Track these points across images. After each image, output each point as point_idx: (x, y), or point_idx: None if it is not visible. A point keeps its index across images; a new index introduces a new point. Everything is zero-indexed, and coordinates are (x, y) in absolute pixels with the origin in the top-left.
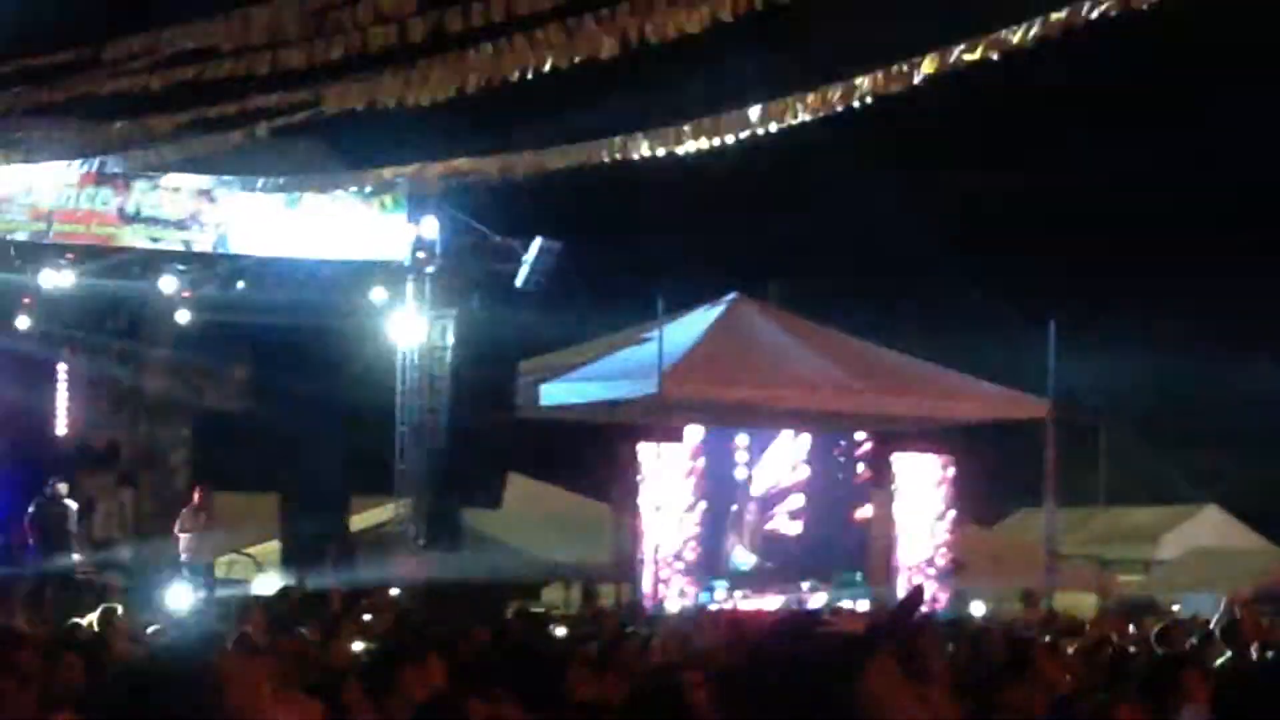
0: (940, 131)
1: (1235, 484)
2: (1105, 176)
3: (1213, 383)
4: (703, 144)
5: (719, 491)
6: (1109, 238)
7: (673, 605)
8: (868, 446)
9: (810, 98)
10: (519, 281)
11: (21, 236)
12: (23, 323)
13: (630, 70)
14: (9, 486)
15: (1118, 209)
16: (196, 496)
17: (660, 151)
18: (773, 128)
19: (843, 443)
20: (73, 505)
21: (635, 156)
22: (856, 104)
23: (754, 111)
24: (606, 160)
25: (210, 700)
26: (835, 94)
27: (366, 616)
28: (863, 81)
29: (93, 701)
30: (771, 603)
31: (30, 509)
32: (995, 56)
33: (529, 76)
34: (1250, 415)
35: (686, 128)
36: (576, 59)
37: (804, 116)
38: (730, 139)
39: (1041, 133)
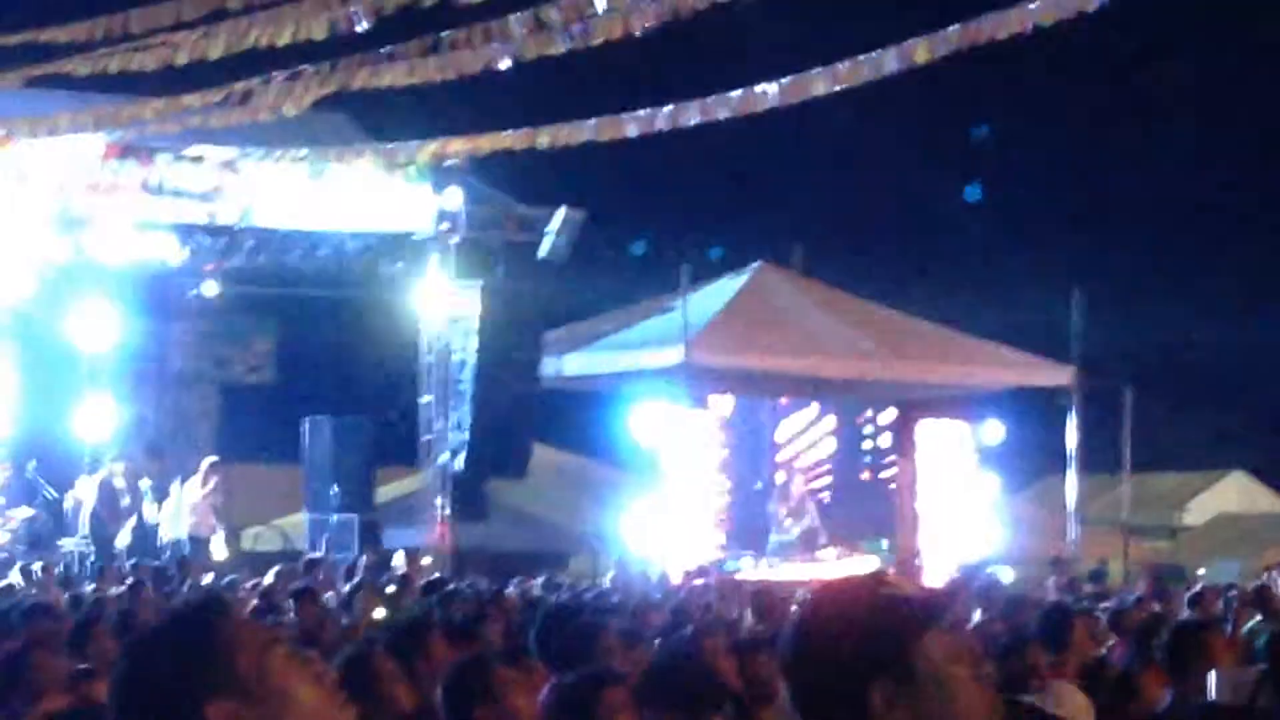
0: (966, 98)
1: (1261, 450)
2: (1130, 142)
3: (1238, 349)
4: (727, 115)
5: (745, 460)
6: (1135, 204)
7: (699, 574)
8: (893, 414)
9: (842, 69)
10: (543, 251)
11: (46, 210)
12: (48, 297)
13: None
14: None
15: (1143, 175)
16: (203, 469)
17: (688, 123)
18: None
19: (868, 410)
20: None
21: (660, 129)
22: (883, 75)
23: (779, 85)
24: (634, 134)
25: (219, 663)
26: (864, 68)
27: (390, 588)
28: (889, 53)
29: (115, 672)
30: (798, 571)
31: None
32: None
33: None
34: (1275, 382)
35: (711, 100)
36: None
37: (832, 88)
38: (756, 110)
39: (1068, 98)
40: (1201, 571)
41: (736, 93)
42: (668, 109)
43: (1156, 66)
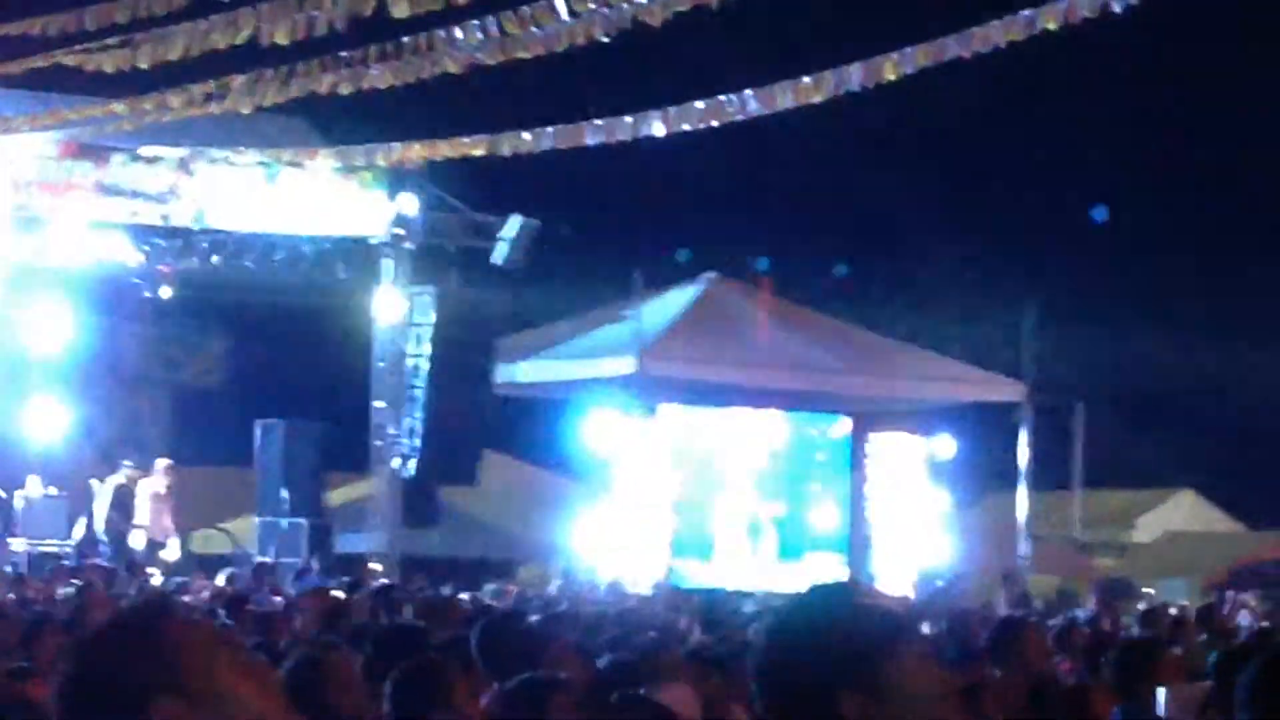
0: (921, 114)
1: (1210, 469)
2: (1085, 156)
3: (1191, 368)
4: (689, 127)
5: (695, 470)
6: (1088, 221)
7: (648, 585)
8: (846, 427)
9: (803, 84)
10: (497, 258)
11: (2, 210)
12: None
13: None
14: None
15: (1097, 190)
16: (160, 470)
17: (648, 133)
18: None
19: (820, 423)
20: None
21: (623, 139)
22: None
23: (746, 98)
24: (592, 143)
25: (165, 664)
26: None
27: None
28: (854, 68)
29: (60, 672)
30: (746, 582)
31: None
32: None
33: (516, 58)
34: (1226, 400)
35: (674, 111)
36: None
37: (796, 102)
38: (715, 123)
39: (1020, 111)
40: (1151, 591)
41: (699, 104)
42: (629, 119)
43: (1118, 83)
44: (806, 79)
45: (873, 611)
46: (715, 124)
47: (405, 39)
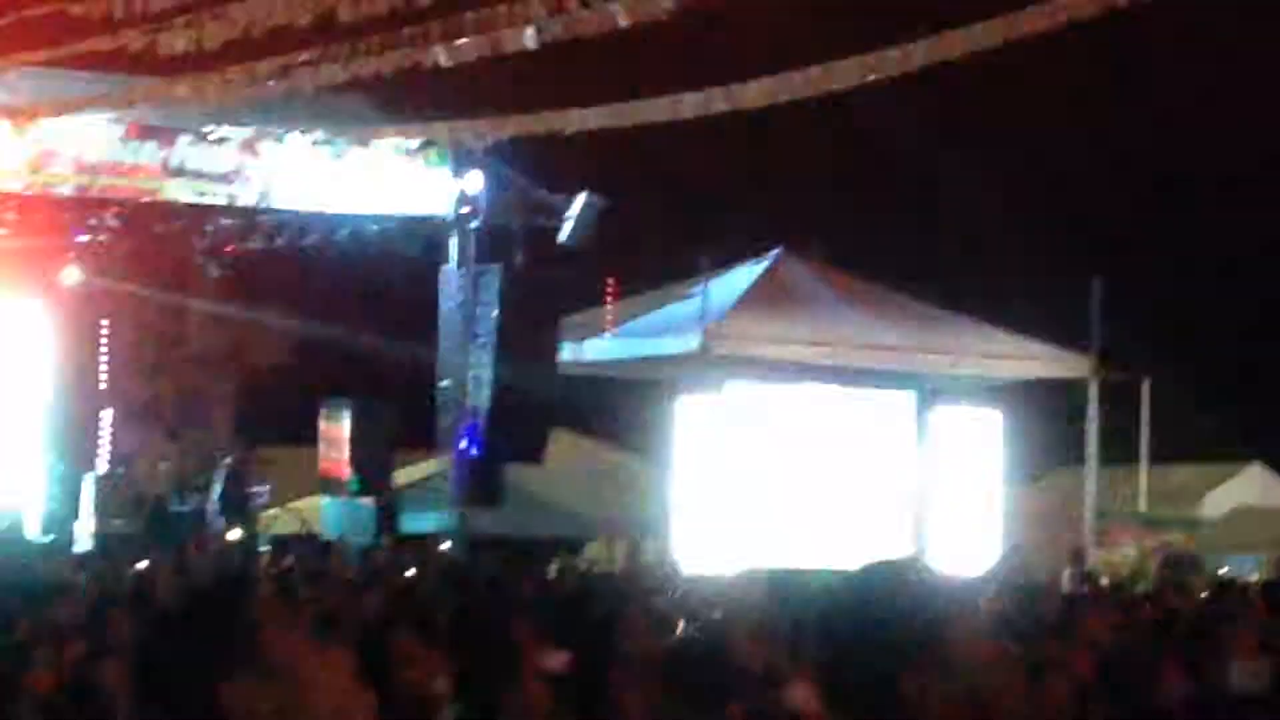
0: (987, 87)
1: (1279, 442)
2: (1151, 130)
3: (1257, 340)
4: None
5: (761, 448)
6: (1155, 192)
7: (714, 562)
8: (912, 403)
9: (870, 61)
10: (563, 236)
11: (66, 191)
12: (69, 277)
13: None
14: None
15: (1164, 162)
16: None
17: (716, 109)
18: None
19: (886, 400)
20: None
21: (688, 115)
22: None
23: (814, 73)
24: (662, 120)
25: (239, 643)
26: (893, 59)
27: (410, 571)
28: (919, 46)
29: (134, 650)
30: (813, 559)
31: None
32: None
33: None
34: None
35: (739, 88)
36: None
37: (861, 78)
38: (785, 99)
39: (1091, 87)
40: (1224, 570)
41: (766, 80)
42: (696, 95)
43: (1186, 56)
44: (873, 55)
45: (934, 588)
46: (784, 99)
47: (469, 15)
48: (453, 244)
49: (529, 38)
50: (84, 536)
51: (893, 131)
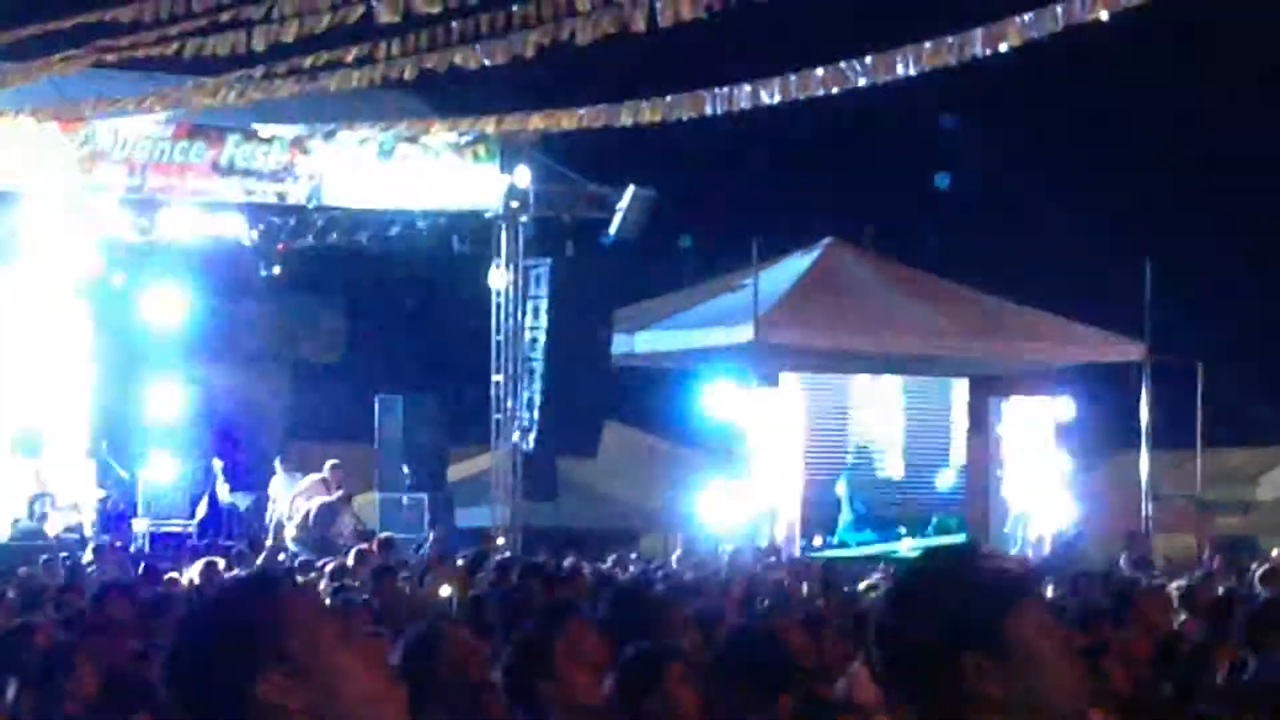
0: (1032, 74)
1: None
2: (1203, 112)
3: None
4: (806, 94)
5: (816, 438)
6: (1205, 174)
7: (772, 553)
8: (965, 391)
9: (925, 50)
10: (613, 230)
11: (117, 191)
12: (119, 278)
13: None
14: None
15: (1214, 145)
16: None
17: (767, 102)
18: (879, 79)
19: (939, 387)
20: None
21: (742, 107)
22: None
23: (860, 64)
24: (711, 112)
25: (268, 639)
26: (948, 50)
27: (459, 561)
28: (974, 34)
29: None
30: (870, 548)
31: None
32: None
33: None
34: None
35: (793, 79)
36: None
37: (915, 69)
38: (835, 90)
39: (1139, 71)
40: (1276, 553)
41: (818, 71)
42: (747, 87)
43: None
44: (926, 45)
45: (993, 572)
46: (835, 91)
47: (515, 8)
48: (503, 238)
49: (578, 33)
50: (141, 535)
51: (937, 117)
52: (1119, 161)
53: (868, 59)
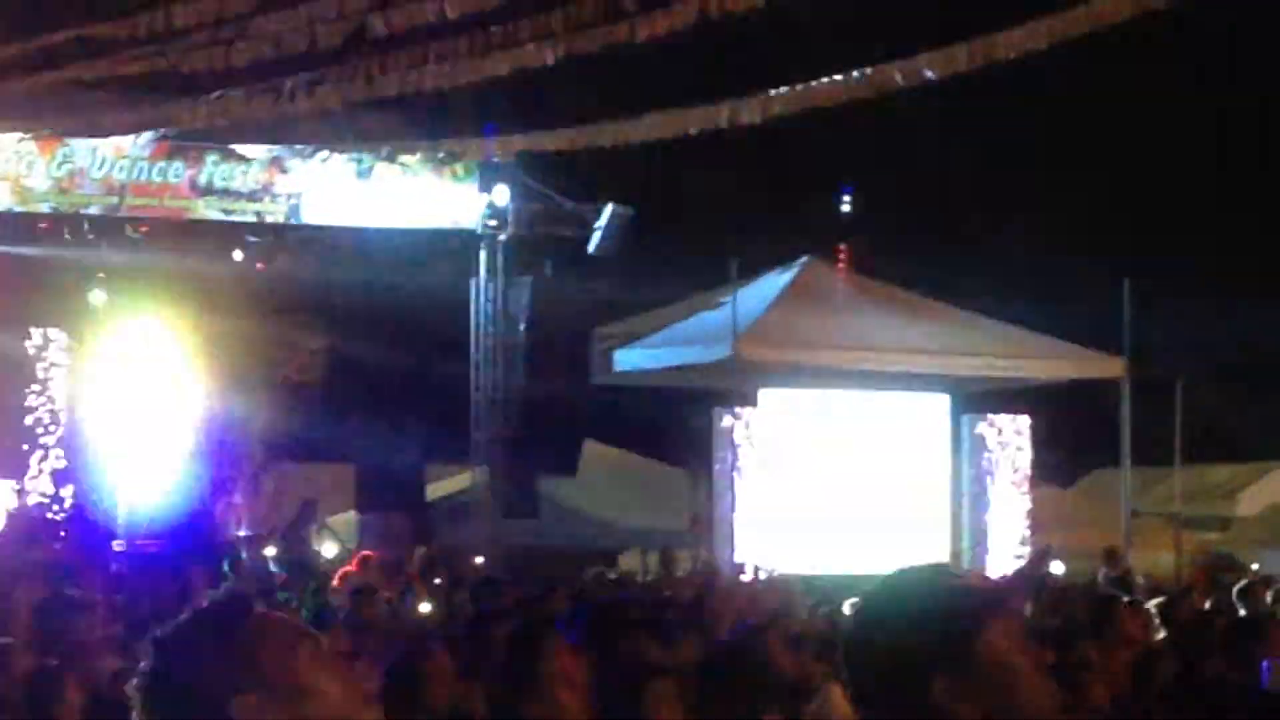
0: (1011, 90)
1: None
2: (1177, 127)
3: None
4: (786, 110)
5: (794, 454)
6: (1184, 191)
7: (750, 570)
8: (945, 407)
9: (899, 69)
10: (592, 248)
11: (94, 210)
12: (97, 298)
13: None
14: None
15: (1192, 161)
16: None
17: (750, 120)
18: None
19: (918, 403)
20: None
21: (722, 125)
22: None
23: (839, 80)
24: (693, 132)
25: (243, 659)
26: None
27: (436, 580)
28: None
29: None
30: (848, 565)
31: None
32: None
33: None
34: None
35: (773, 93)
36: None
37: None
38: (815, 105)
39: (1119, 86)
40: (1255, 566)
41: (797, 87)
42: (725, 105)
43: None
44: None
45: (966, 591)
46: (816, 106)
47: (494, 29)
48: (482, 257)
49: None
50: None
51: (919, 133)
52: (1098, 178)
53: (845, 75)
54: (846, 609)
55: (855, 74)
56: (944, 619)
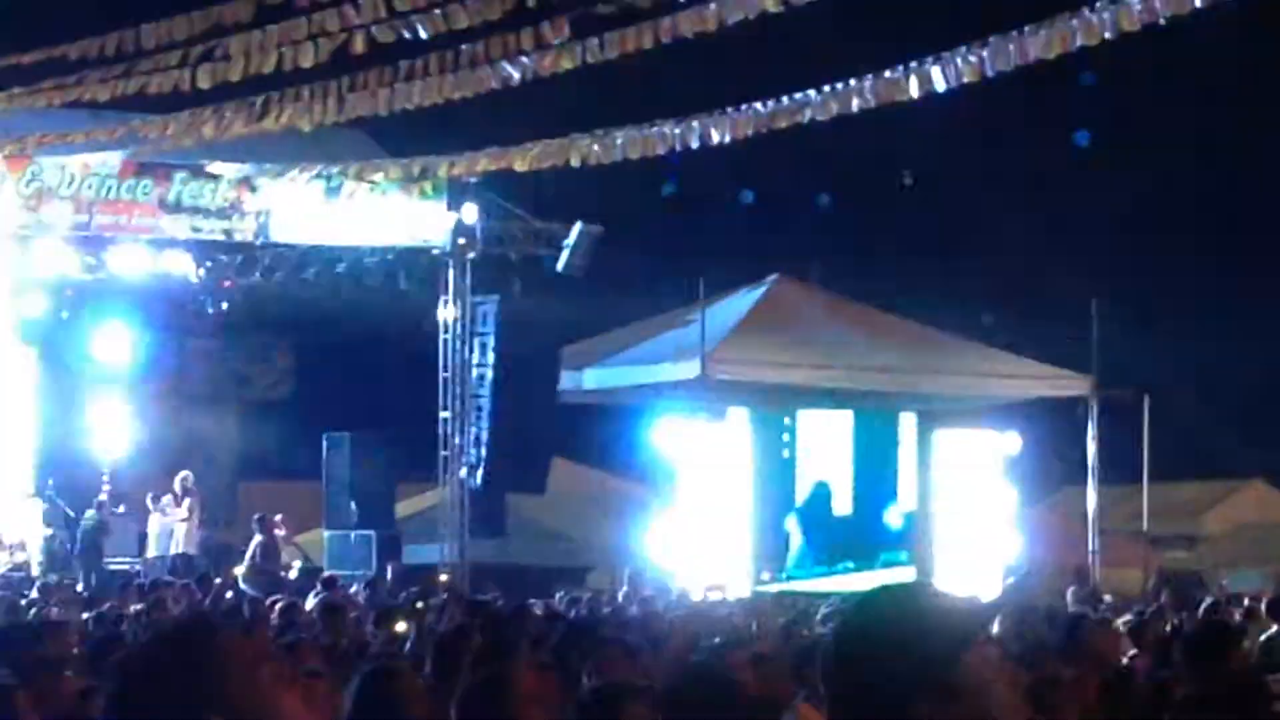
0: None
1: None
2: (1148, 148)
3: (1254, 356)
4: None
5: (764, 473)
6: (1151, 211)
7: (718, 590)
8: (912, 425)
9: (875, 86)
10: (560, 266)
11: (63, 229)
12: (67, 315)
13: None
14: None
15: (1160, 181)
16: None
17: (716, 139)
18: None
19: (887, 422)
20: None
21: (693, 145)
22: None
23: (812, 99)
24: (664, 151)
25: (209, 681)
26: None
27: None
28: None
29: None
30: (820, 584)
31: None
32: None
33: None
34: None
35: (742, 110)
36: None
37: (868, 103)
38: (782, 126)
39: (1082, 105)
40: (1224, 583)
41: (760, 105)
42: (695, 124)
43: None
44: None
45: (941, 612)
46: (783, 126)
47: (464, 47)
48: (450, 275)
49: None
50: (85, 574)
51: (885, 153)
52: (1067, 198)
53: (812, 93)
54: (823, 627)
55: (818, 93)
56: (923, 642)
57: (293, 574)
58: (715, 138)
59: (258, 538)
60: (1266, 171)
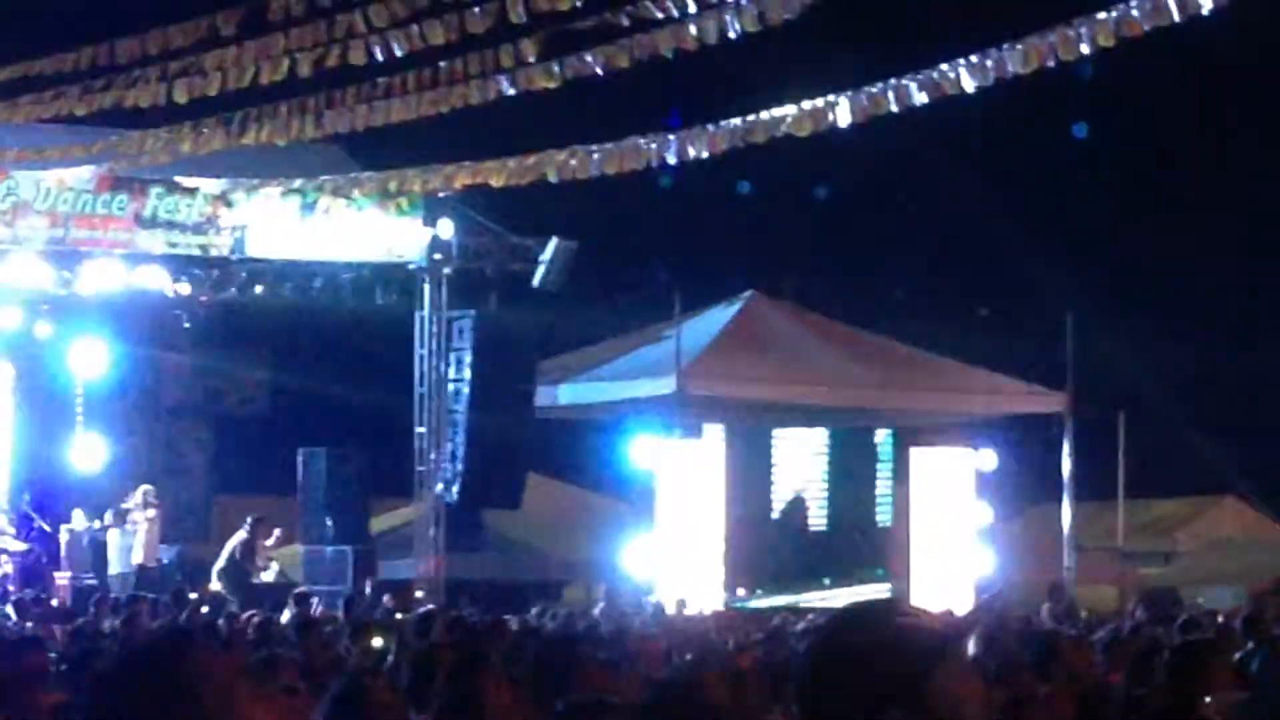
0: (951, 126)
1: (1255, 475)
2: (1122, 165)
3: (1231, 374)
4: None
5: (739, 489)
6: (1126, 228)
7: (693, 605)
8: (887, 442)
9: (849, 103)
10: (536, 281)
11: (38, 244)
12: (42, 330)
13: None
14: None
15: (1134, 198)
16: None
17: (695, 155)
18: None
19: (862, 438)
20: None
21: (670, 161)
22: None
23: (787, 113)
24: (642, 166)
25: (185, 697)
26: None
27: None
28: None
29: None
30: (793, 600)
31: None
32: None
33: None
34: (1270, 406)
35: (717, 128)
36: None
37: (844, 119)
38: (761, 140)
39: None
40: (1200, 600)
41: (736, 121)
42: (671, 139)
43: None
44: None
45: (915, 629)
46: (759, 141)
47: (442, 64)
48: (426, 290)
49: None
50: (65, 589)
51: (860, 169)
52: (1041, 214)
53: (789, 109)
54: (798, 643)
55: (794, 110)
56: (896, 659)
57: (267, 576)
58: (693, 152)
59: (242, 534)
60: (1254, 185)
